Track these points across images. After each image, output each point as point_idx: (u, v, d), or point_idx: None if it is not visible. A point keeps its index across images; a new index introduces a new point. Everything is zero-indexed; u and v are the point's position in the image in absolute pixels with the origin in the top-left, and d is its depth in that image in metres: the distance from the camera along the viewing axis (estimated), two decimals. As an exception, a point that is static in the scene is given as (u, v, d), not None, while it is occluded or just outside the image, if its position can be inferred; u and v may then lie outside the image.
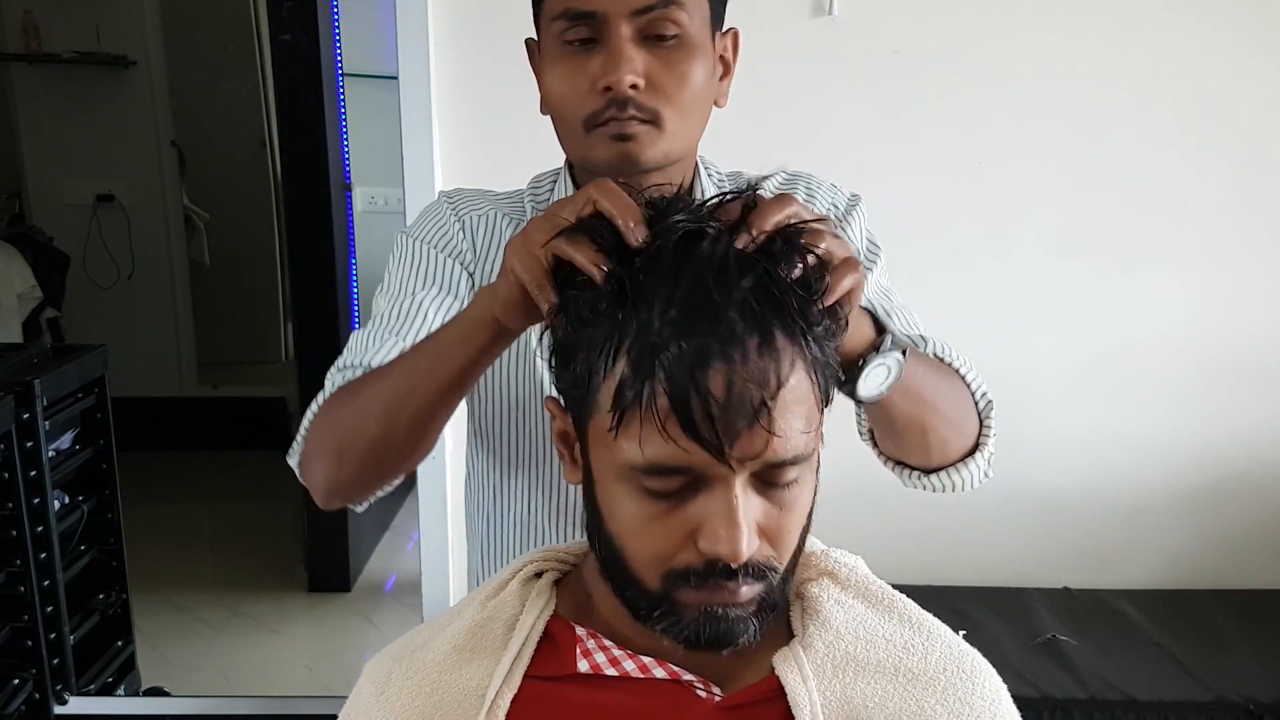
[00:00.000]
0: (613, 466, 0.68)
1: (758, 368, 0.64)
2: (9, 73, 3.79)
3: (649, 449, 0.65)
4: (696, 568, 0.67)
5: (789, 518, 0.69)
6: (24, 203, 3.94)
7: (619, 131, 0.91)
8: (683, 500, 0.66)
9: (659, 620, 0.70)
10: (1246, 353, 2.15)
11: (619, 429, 0.66)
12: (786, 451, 0.65)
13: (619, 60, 0.89)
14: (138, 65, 3.85)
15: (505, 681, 0.74)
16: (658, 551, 0.68)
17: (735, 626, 0.68)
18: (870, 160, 2.04)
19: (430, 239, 1.03)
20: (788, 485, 0.68)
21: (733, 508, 0.65)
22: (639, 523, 0.68)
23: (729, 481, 0.65)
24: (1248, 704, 1.77)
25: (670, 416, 0.63)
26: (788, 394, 0.65)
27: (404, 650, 0.80)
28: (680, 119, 0.93)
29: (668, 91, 0.91)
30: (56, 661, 2.14)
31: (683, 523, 0.67)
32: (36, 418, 2.05)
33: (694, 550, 0.67)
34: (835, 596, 0.78)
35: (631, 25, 0.90)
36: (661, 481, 0.66)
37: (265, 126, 4.21)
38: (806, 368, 0.66)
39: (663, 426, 0.63)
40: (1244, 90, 2.04)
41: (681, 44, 0.91)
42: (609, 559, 0.71)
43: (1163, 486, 2.20)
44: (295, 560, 3.13)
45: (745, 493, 0.66)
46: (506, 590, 0.79)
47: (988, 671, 0.77)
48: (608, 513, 0.70)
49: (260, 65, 4.14)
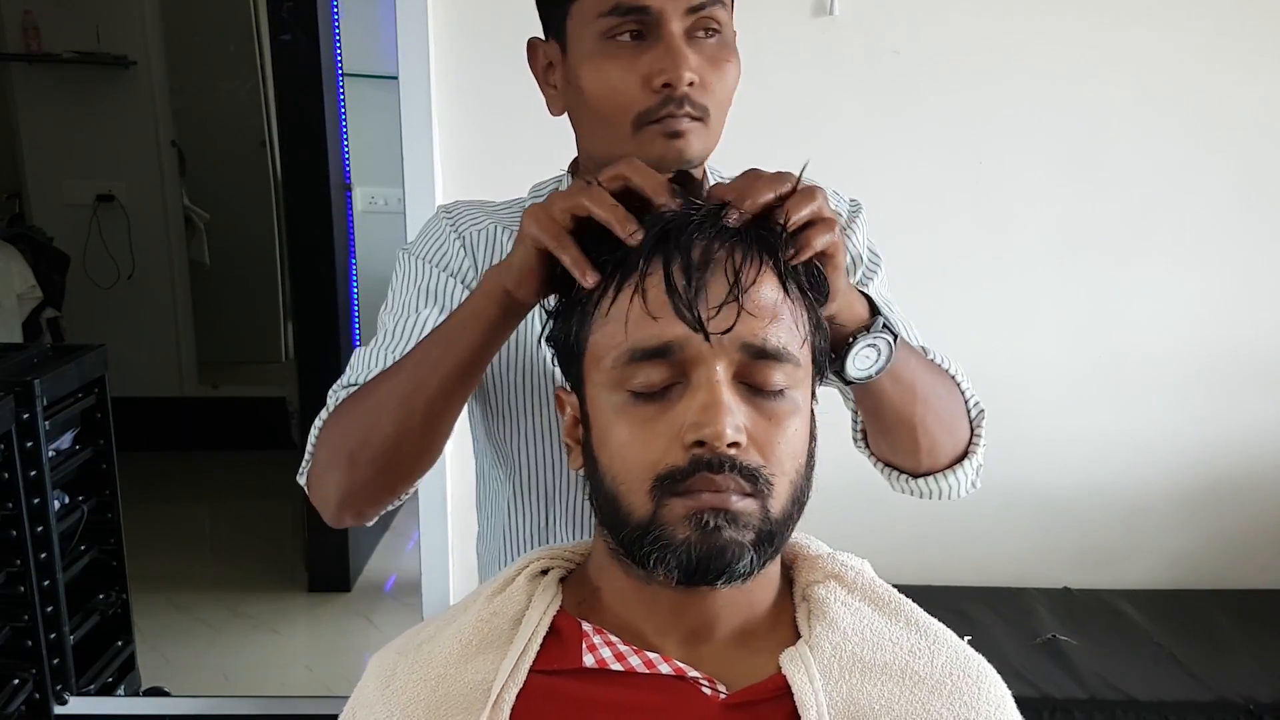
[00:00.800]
0: (605, 387, 0.71)
1: (733, 255, 0.69)
2: (9, 73, 3.79)
3: (633, 330, 0.69)
4: (682, 466, 0.67)
5: (778, 432, 0.70)
6: (24, 203, 3.94)
7: (674, 129, 0.91)
8: (670, 401, 0.69)
9: (653, 550, 0.69)
10: (1246, 353, 2.15)
11: (610, 310, 0.70)
12: (766, 337, 0.68)
13: (679, 57, 0.89)
14: (138, 65, 3.85)
15: (511, 676, 0.74)
16: (648, 459, 0.69)
17: (730, 548, 0.68)
18: (870, 160, 2.04)
19: (431, 257, 1.02)
20: (775, 395, 0.70)
21: (714, 385, 0.67)
22: (629, 435, 0.70)
23: (710, 365, 0.68)
24: (1248, 704, 1.77)
25: (651, 282, 0.68)
26: (764, 289, 0.69)
27: (409, 644, 0.80)
28: (720, 115, 0.94)
29: (714, 88, 0.92)
30: (56, 661, 2.14)
31: (669, 424, 0.68)
32: (36, 418, 2.05)
33: (681, 449, 0.68)
34: (842, 599, 0.78)
35: (683, 22, 0.90)
36: (647, 371, 0.69)
37: (265, 126, 4.20)
38: (785, 284, 0.70)
39: (644, 296, 0.68)
40: (1244, 90, 2.04)
41: (723, 41, 0.93)
42: (605, 501, 0.72)
43: (1163, 486, 2.20)
44: (295, 560, 3.13)
45: (729, 385, 0.68)
46: (513, 586, 0.79)
47: (993, 677, 0.77)
48: (601, 447, 0.72)
49: (260, 65, 4.14)
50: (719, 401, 0.67)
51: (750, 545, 0.68)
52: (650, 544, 0.69)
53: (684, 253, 0.69)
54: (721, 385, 0.67)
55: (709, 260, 0.69)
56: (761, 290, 0.69)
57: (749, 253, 0.70)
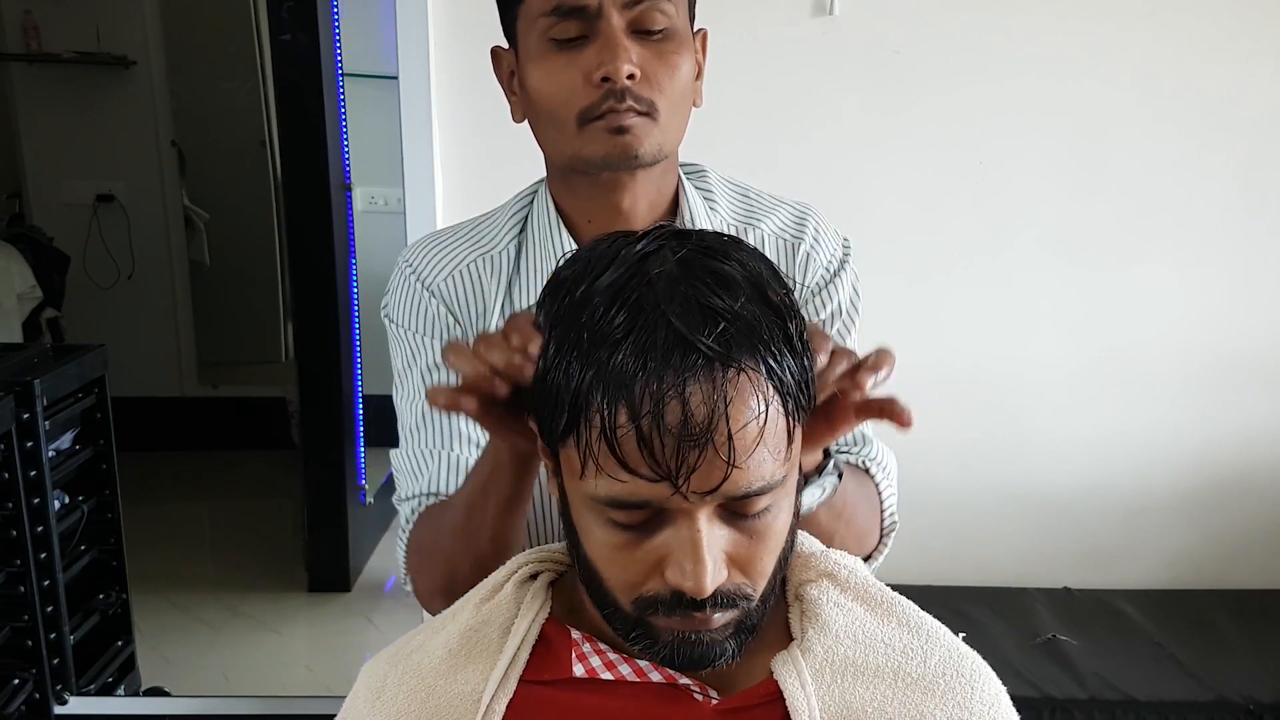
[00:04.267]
0: (580, 496, 0.67)
1: (709, 397, 0.60)
2: (9, 73, 3.78)
3: (604, 486, 0.64)
4: (665, 597, 0.67)
5: (761, 546, 0.68)
6: (24, 203, 3.93)
7: (617, 124, 0.89)
8: (649, 531, 0.66)
9: (636, 640, 0.70)
10: (1246, 353, 2.14)
11: (577, 449, 0.64)
12: (750, 483, 0.63)
13: (616, 50, 0.88)
14: (138, 65, 3.84)
15: (500, 686, 0.74)
16: (627, 579, 0.68)
17: (711, 650, 0.69)
18: (870, 160, 2.04)
19: (415, 327, 0.99)
20: (759, 514, 0.67)
21: (696, 542, 0.64)
22: (608, 550, 0.68)
23: (692, 515, 0.64)
24: (1248, 704, 1.77)
25: (621, 452, 0.61)
26: (748, 423, 0.61)
27: (399, 654, 0.80)
28: (672, 111, 0.92)
29: (661, 83, 0.90)
30: (56, 661, 2.14)
31: (649, 552, 0.66)
32: (36, 418, 2.05)
33: (661, 580, 0.66)
34: (835, 599, 0.77)
35: (624, 17, 0.89)
36: (626, 514, 0.66)
37: (265, 126, 4.20)
38: (773, 392, 0.63)
39: (616, 463, 0.62)
40: (1244, 90, 2.04)
41: (669, 36, 0.91)
42: (587, 579, 0.72)
43: (1163, 486, 2.20)
44: (295, 560, 3.12)
45: (710, 525, 0.65)
46: (501, 593, 0.79)
47: (987, 674, 0.77)
48: (582, 535, 0.70)
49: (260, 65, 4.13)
50: (701, 557, 0.64)
51: (732, 639, 0.69)
52: (635, 638, 0.70)
53: (656, 403, 0.59)
54: (702, 536, 0.64)
55: (683, 418, 0.59)
56: (746, 430, 0.62)
57: (742, 404, 0.61)
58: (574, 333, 0.63)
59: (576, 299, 0.65)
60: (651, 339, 0.60)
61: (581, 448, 0.63)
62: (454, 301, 0.98)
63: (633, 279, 0.63)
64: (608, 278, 0.64)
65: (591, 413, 0.62)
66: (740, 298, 0.62)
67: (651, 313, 0.61)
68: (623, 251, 0.66)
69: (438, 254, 1.01)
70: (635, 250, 0.66)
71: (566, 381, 0.63)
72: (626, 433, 0.60)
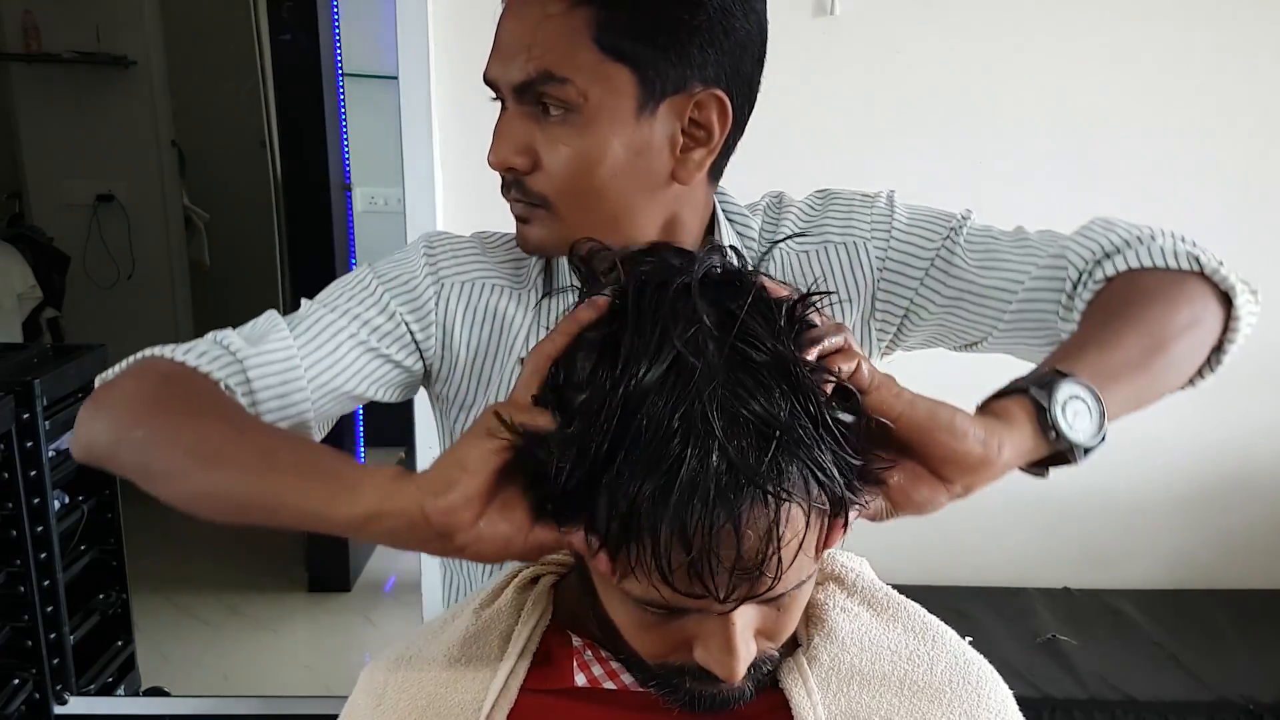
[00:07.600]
0: (608, 581, 0.64)
1: (763, 533, 0.58)
2: (9, 73, 3.78)
3: (641, 590, 0.61)
4: (692, 668, 0.66)
5: (789, 617, 0.67)
6: (24, 203, 3.94)
7: (515, 213, 0.87)
8: (679, 614, 0.63)
9: (655, 687, 0.70)
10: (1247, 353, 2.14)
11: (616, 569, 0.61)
12: (787, 587, 0.62)
13: (495, 137, 0.84)
14: (138, 65, 3.85)
15: (501, 695, 0.73)
16: (653, 651, 0.67)
17: (730, 698, 0.69)
18: (870, 160, 2.04)
19: (391, 283, 0.91)
20: (789, 593, 0.64)
21: (730, 636, 0.62)
22: (633, 627, 0.66)
23: (727, 620, 0.62)
24: (1248, 704, 1.77)
25: (671, 577, 0.58)
26: (794, 544, 0.59)
27: (399, 660, 0.78)
28: (574, 202, 0.83)
29: (550, 171, 0.83)
30: (56, 661, 2.14)
31: (678, 630, 0.64)
32: (36, 418, 2.05)
33: (689, 654, 0.65)
34: (841, 604, 0.77)
35: (515, 100, 0.83)
36: (657, 611, 0.63)
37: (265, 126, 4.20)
38: (817, 512, 0.60)
39: (662, 579, 0.58)
40: (1244, 90, 2.04)
41: (569, 120, 0.81)
42: (605, 627, 0.70)
43: (1163, 486, 2.20)
44: (295, 560, 3.13)
45: (743, 616, 0.63)
46: (501, 598, 0.78)
47: (994, 681, 0.76)
48: (604, 599, 0.67)
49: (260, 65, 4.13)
50: (735, 651, 0.62)
51: (749, 681, 0.69)
52: (654, 685, 0.70)
53: (708, 537, 0.57)
54: (738, 630, 0.62)
55: (743, 552, 0.58)
56: (791, 548, 0.59)
57: (792, 535, 0.58)
58: (628, 438, 0.59)
59: (628, 393, 0.59)
60: (704, 465, 0.57)
61: (628, 558, 0.60)
62: (447, 303, 0.91)
63: (679, 379, 0.59)
64: (653, 376, 0.59)
65: (643, 534, 0.58)
66: (775, 393, 0.59)
67: (704, 436, 0.57)
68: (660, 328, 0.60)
69: (464, 256, 0.94)
70: (675, 330, 0.60)
71: (618, 487, 0.59)
72: (681, 565, 0.58)
